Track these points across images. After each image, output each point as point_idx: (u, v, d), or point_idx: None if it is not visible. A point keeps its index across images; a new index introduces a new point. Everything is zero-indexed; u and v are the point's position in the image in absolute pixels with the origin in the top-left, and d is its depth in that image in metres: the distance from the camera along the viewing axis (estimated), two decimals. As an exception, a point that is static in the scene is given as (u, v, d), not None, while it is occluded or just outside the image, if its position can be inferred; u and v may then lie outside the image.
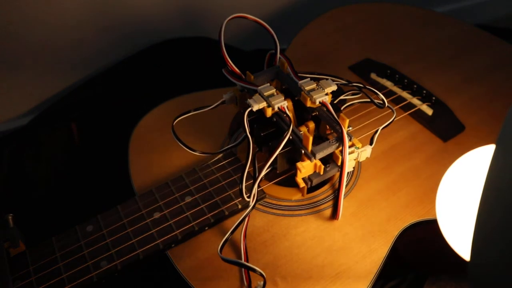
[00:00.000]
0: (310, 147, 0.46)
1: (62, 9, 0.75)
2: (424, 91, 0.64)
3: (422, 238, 0.52)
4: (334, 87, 0.48)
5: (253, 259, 0.46)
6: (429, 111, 0.61)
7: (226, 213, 0.49)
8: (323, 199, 0.52)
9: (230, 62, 0.49)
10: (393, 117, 0.52)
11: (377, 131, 0.51)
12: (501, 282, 0.31)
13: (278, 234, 0.48)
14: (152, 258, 0.46)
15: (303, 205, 0.51)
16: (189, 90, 0.66)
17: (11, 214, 0.46)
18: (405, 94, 0.64)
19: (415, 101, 0.63)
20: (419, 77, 0.68)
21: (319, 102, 0.47)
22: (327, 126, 0.50)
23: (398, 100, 0.64)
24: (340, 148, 0.47)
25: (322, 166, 0.47)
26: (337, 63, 0.72)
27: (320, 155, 0.46)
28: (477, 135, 0.59)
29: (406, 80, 0.66)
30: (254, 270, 0.43)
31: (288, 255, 0.47)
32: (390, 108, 0.54)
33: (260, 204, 0.51)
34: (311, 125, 0.50)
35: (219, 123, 0.60)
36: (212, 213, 0.48)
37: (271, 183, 0.53)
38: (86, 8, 0.77)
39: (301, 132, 0.47)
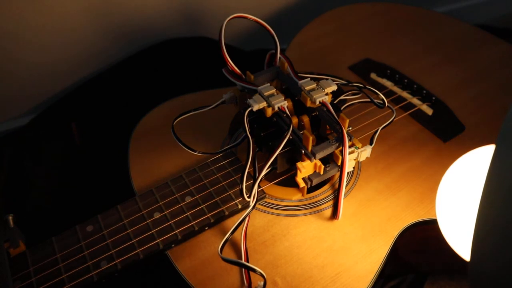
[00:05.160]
0: (310, 147, 0.46)
1: (62, 9, 0.75)
2: (424, 91, 0.65)
3: (422, 238, 0.52)
4: (334, 87, 0.48)
5: (253, 259, 0.46)
6: (429, 111, 0.62)
7: (226, 213, 0.49)
8: (323, 199, 0.52)
9: (230, 62, 0.49)
10: (393, 117, 0.52)
11: (377, 131, 0.51)
12: (501, 282, 0.31)
13: (278, 234, 0.48)
14: (152, 258, 0.46)
15: (303, 205, 0.51)
16: (189, 90, 0.66)
17: (12, 214, 0.46)
18: (405, 94, 0.64)
19: (415, 101, 0.63)
20: (419, 77, 0.68)
21: (319, 102, 0.47)
22: (327, 126, 0.50)
23: (398, 100, 0.64)
24: (340, 148, 0.47)
25: (322, 166, 0.47)
26: (337, 63, 0.72)
27: (320, 155, 0.46)
28: (477, 135, 0.59)
29: (406, 80, 0.66)
30: (254, 270, 0.43)
31: (288, 255, 0.47)
32: (390, 108, 0.54)
33: (260, 204, 0.51)
34: (306, 119, 0.49)
35: (219, 123, 0.60)
36: (212, 213, 0.48)
37: (271, 183, 0.53)
38: (86, 8, 0.77)
39: (301, 132, 0.47)
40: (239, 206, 0.49)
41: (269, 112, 0.47)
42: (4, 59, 0.76)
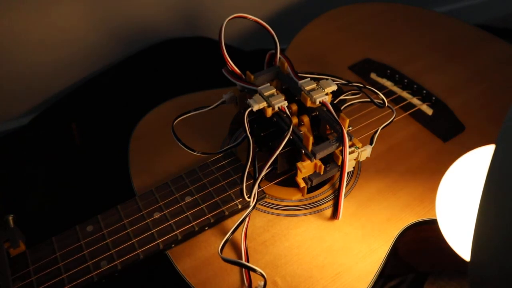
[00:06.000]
0: (310, 147, 0.46)
1: (63, 9, 0.75)
2: (424, 91, 0.65)
3: (422, 238, 0.52)
4: (334, 87, 0.48)
5: (253, 259, 0.46)
6: (429, 111, 0.62)
7: (226, 213, 0.49)
8: (323, 199, 0.52)
9: (230, 62, 0.49)
10: (393, 117, 0.52)
11: (377, 131, 0.51)
12: (501, 282, 0.31)
13: (278, 234, 0.48)
14: (152, 258, 0.46)
15: (303, 205, 0.51)
16: (189, 90, 0.66)
17: (12, 215, 0.46)
18: (405, 94, 0.64)
19: (415, 101, 0.63)
20: (419, 77, 0.68)
21: (319, 102, 0.47)
22: (327, 126, 0.50)
23: (398, 100, 0.64)
24: (340, 148, 0.47)
25: (322, 166, 0.47)
26: (337, 63, 0.72)
27: (321, 155, 0.46)
28: (477, 135, 0.59)
29: (406, 80, 0.66)
30: (254, 270, 0.43)
31: (288, 255, 0.47)
32: (390, 108, 0.54)
33: (260, 204, 0.51)
34: (306, 119, 0.49)
35: (219, 123, 0.60)
36: (212, 213, 0.48)
37: (271, 183, 0.53)
38: (86, 9, 0.77)
39: (301, 132, 0.47)
40: (239, 206, 0.49)
41: (269, 112, 0.47)
42: (4, 60, 0.76)
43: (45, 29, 0.76)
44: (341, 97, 0.61)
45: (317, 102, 0.46)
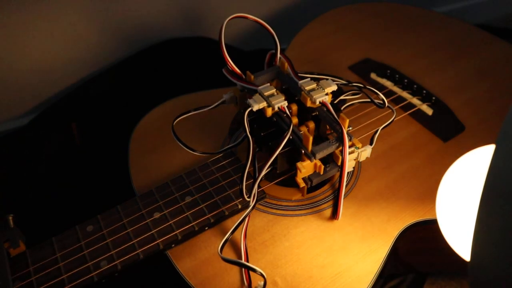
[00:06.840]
0: (310, 147, 0.46)
1: (63, 9, 0.75)
2: (424, 91, 0.65)
3: (422, 238, 0.52)
4: (334, 87, 0.48)
5: (253, 259, 0.46)
6: (429, 111, 0.62)
7: (226, 213, 0.49)
8: (323, 199, 0.52)
9: (230, 62, 0.49)
10: (393, 117, 0.52)
11: (377, 131, 0.51)
12: (501, 282, 0.31)
13: (278, 234, 0.48)
14: (152, 258, 0.46)
15: (303, 205, 0.51)
16: (189, 90, 0.66)
17: (12, 215, 0.46)
18: (405, 94, 0.64)
19: (415, 101, 0.63)
20: (419, 77, 0.68)
21: (319, 102, 0.47)
22: (327, 126, 0.50)
23: (398, 100, 0.64)
24: (340, 148, 0.47)
25: (322, 166, 0.47)
26: (337, 63, 0.72)
27: (320, 155, 0.46)
28: (477, 135, 0.59)
29: (406, 80, 0.66)
30: (254, 270, 0.43)
31: (288, 255, 0.47)
32: (390, 108, 0.54)
33: (260, 204, 0.51)
34: (311, 125, 0.50)
35: (219, 123, 0.60)
36: (212, 213, 0.48)
37: (271, 183, 0.53)
38: (86, 9, 0.77)
39: (301, 132, 0.47)
40: (239, 206, 0.49)
41: (269, 112, 0.47)
42: (4, 59, 0.76)
43: (45, 29, 0.76)
44: (341, 97, 0.61)
45: (317, 102, 0.46)
